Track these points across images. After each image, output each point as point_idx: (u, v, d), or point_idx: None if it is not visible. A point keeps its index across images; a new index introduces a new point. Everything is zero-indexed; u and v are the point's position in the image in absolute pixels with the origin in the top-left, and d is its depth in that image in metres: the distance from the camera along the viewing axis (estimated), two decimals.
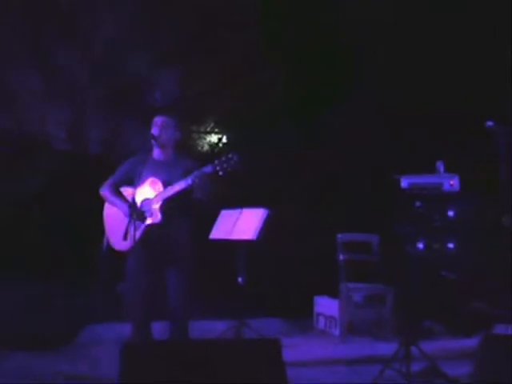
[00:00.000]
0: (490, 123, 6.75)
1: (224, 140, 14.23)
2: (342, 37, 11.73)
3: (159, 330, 6.54)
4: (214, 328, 8.08)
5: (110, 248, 6.62)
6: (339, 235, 9.11)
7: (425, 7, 11.62)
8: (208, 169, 6.22)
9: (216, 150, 13.96)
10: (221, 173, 6.17)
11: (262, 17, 11.64)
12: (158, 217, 6.37)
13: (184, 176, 6.35)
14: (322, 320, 9.36)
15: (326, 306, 9.33)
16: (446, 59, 11.80)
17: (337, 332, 8.87)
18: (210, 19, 11.37)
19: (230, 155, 6.18)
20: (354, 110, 12.18)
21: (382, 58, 12.09)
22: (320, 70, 12.13)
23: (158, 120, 6.62)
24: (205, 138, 14.36)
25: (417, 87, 11.92)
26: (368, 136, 12.03)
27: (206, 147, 14.23)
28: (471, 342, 6.57)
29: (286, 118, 12.44)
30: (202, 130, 14.34)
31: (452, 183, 8.92)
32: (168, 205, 6.38)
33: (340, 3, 12.23)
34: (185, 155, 6.76)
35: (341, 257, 8.99)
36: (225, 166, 6.16)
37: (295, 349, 7.69)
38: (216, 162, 6.20)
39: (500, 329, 7.48)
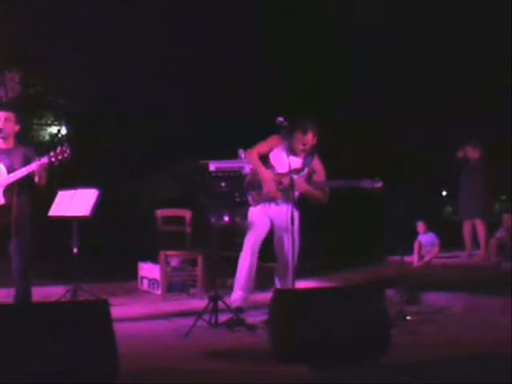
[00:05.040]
0: (280, 119, 6.84)
1: (63, 131, 13.92)
2: None
3: (4, 295, 6.37)
4: (54, 292, 7.88)
5: None
6: (158, 211, 9.09)
7: None
8: (45, 159, 6.26)
9: (56, 139, 13.64)
10: (55, 163, 6.26)
11: None
12: (1, 200, 6.32)
13: (24, 163, 6.36)
14: (145, 282, 9.27)
15: (148, 270, 9.24)
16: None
17: (158, 292, 8.83)
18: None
19: (63, 147, 6.32)
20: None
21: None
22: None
23: (0, 115, 6.49)
24: (46, 130, 14.00)
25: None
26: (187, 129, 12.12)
27: (47, 137, 13.88)
28: (266, 295, 6.69)
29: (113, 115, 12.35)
30: (43, 122, 13.98)
31: (251, 167, 9.04)
32: (10, 189, 6.31)
33: None
34: (24, 144, 6.73)
35: (159, 228, 8.98)
36: (59, 157, 6.26)
37: (123, 307, 7.60)
38: (51, 153, 6.28)
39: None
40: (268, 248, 7.35)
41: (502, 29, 11.37)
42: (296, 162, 7.03)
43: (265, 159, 7.26)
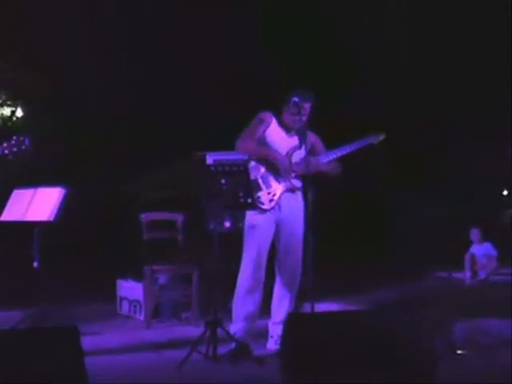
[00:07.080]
0: (295, 99, 7.08)
1: (18, 113, 13.98)
2: None
3: None
4: (10, 318, 7.92)
5: None
6: (143, 215, 9.02)
7: None
8: None
9: (9, 123, 13.72)
10: (10, 156, 6.15)
11: None
12: None
13: None
14: (125, 304, 9.29)
15: (130, 289, 9.26)
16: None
17: (142, 317, 8.84)
18: None
19: (21, 138, 6.16)
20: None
21: None
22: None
23: None
24: None
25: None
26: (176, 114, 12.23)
27: None
28: None
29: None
30: None
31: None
32: None
33: None
34: None
35: (144, 236, 8.93)
36: (14, 149, 6.14)
37: (97, 336, 7.66)
38: (5, 144, 6.22)
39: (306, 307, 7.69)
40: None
41: None
42: (293, 139, 7.20)
43: None
